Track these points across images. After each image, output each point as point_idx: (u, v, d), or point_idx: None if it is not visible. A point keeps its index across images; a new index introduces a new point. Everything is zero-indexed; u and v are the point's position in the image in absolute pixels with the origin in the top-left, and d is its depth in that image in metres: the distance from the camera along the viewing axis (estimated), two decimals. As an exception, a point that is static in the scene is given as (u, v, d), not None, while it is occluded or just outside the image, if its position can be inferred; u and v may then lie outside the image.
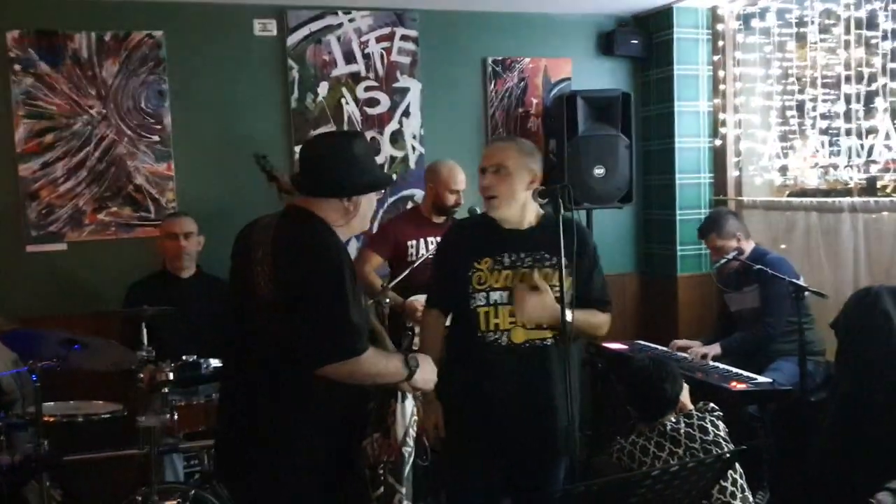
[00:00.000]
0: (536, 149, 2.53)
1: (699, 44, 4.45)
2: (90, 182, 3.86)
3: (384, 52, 4.24)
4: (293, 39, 4.09)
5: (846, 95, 3.66)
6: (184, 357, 3.08)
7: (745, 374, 3.34)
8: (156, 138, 3.93)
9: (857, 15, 3.58)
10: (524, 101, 4.46)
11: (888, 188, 3.67)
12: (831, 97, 3.74)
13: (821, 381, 3.53)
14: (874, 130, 3.59)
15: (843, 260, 3.71)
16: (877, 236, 3.57)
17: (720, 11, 4.38)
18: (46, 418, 2.94)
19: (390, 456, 2.08)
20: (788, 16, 3.92)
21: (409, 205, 4.16)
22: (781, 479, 3.36)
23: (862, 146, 3.63)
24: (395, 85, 4.26)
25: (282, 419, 2.02)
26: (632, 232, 4.70)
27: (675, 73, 4.42)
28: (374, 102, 4.25)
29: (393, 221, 3.85)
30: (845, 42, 3.64)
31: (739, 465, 2.41)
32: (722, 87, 4.40)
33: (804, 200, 3.99)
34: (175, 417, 2.94)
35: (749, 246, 3.80)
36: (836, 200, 3.77)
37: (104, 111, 3.86)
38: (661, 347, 3.86)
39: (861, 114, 3.62)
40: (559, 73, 4.50)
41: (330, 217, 2.07)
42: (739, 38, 4.28)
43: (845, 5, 3.62)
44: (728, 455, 2.07)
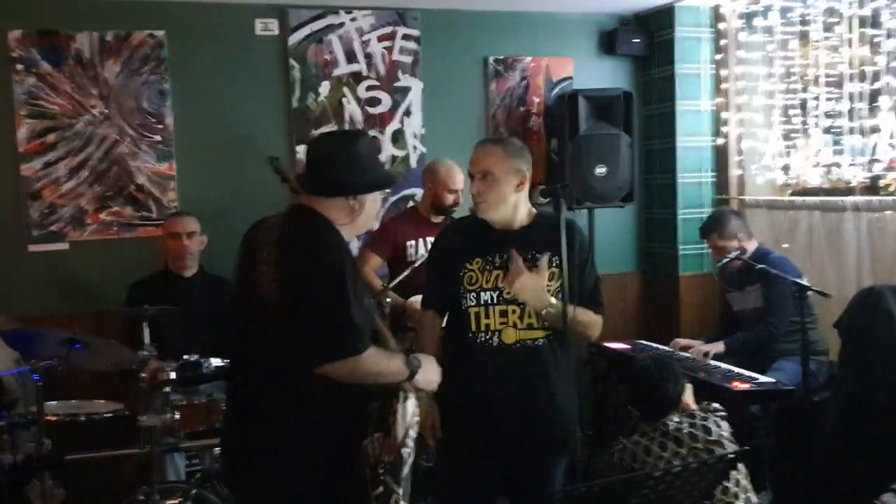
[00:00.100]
0: (524, 148, 2.50)
1: (701, 42, 4.44)
2: (92, 182, 3.86)
3: (385, 52, 4.23)
4: (294, 39, 4.09)
5: (849, 94, 3.65)
6: (185, 356, 3.08)
7: (748, 373, 3.33)
8: (157, 138, 3.93)
9: (860, 13, 3.57)
10: (526, 101, 4.45)
11: (891, 187, 3.66)
12: (834, 96, 3.73)
13: (823, 381, 3.51)
14: (878, 129, 3.58)
15: (846, 259, 3.69)
16: (880, 235, 3.55)
17: (722, 10, 4.36)
18: (48, 417, 2.94)
19: (390, 456, 2.07)
20: (791, 14, 3.91)
21: (411, 204, 4.16)
22: (784, 479, 3.35)
23: (865, 145, 3.62)
24: (397, 84, 4.26)
25: (282, 419, 2.02)
26: (633, 231, 4.69)
27: (677, 71, 4.41)
28: (375, 102, 4.24)
29: (392, 222, 3.83)
30: (848, 40, 3.63)
31: (742, 465, 2.40)
32: (724, 85, 4.39)
33: (807, 199, 3.97)
34: (176, 417, 2.95)
35: (752, 246, 3.79)
36: (839, 199, 3.75)
37: (106, 111, 3.86)
38: (662, 347, 3.85)
39: (865, 112, 3.61)
40: (561, 72, 4.49)
41: (335, 216, 2.08)
42: (742, 36, 4.27)
43: (848, 3, 3.61)
44: (730, 456, 2.06)
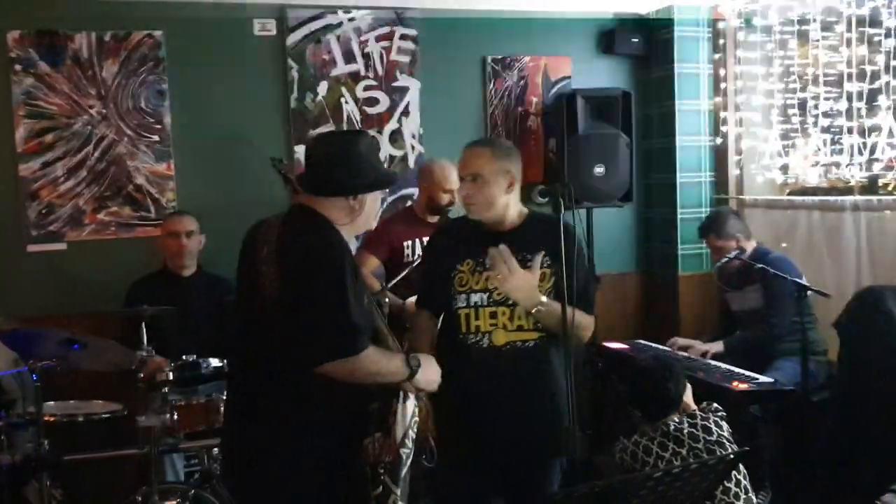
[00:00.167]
0: (514, 149, 2.50)
1: (700, 42, 4.43)
2: (90, 182, 3.85)
3: (384, 52, 4.22)
4: (293, 39, 4.08)
5: (848, 93, 3.64)
6: (184, 357, 3.08)
7: (747, 373, 3.32)
8: (155, 138, 3.92)
9: (859, 12, 3.57)
10: (524, 100, 4.45)
11: (890, 186, 3.66)
12: (833, 95, 3.73)
13: (822, 381, 3.51)
14: (877, 128, 3.57)
15: (846, 259, 3.68)
16: (879, 235, 3.54)
17: (721, 9, 4.36)
18: (47, 418, 2.94)
19: (389, 456, 2.07)
20: (790, 13, 3.91)
21: (409, 204, 4.15)
22: (783, 479, 3.34)
23: (864, 144, 3.62)
24: (395, 84, 4.25)
25: (282, 419, 2.02)
26: (632, 231, 4.69)
27: (676, 71, 4.40)
28: (373, 102, 4.24)
29: (387, 222, 3.81)
30: (847, 40, 3.62)
31: (742, 466, 2.40)
32: (723, 85, 4.38)
33: (806, 199, 3.96)
34: (175, 417, 2.94)
35: (751, 246, 3.79)
36: (839, 199, 3.75)
37: (104, 111, 3.85)
38: (661, 347, 3.85)
39: (864, 112, 3.60)
40: (559, 72, 4.48)
41: (335, 216, 2.08)
42: (740, 36, 4.26)
43: (847, 3, 3.61)
44: (731, 456, 2.06)
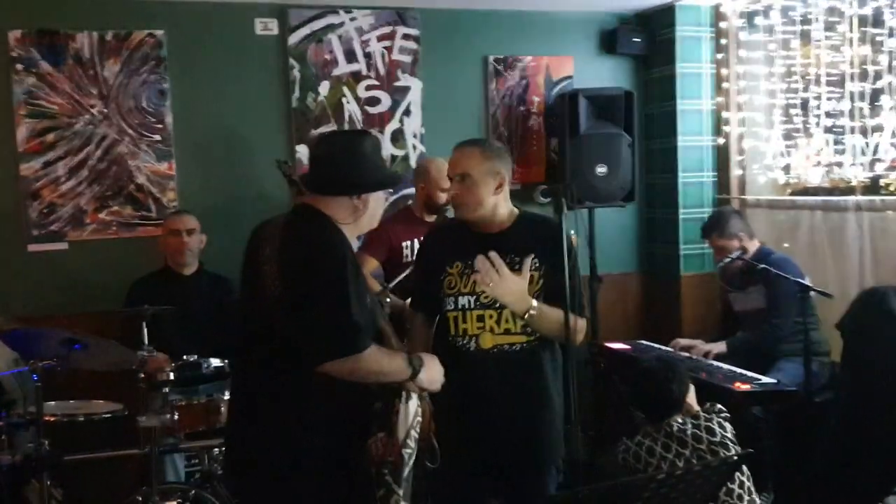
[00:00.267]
0: (503, 149, 2.49)
1: (702, 42, 4.42)
2: (91, 181, 3.85)
3: (385, 51, 4.22)
4: (294, 38, 4.08)
5: (851, 93, 3.63)
6: (185, 357, 3.07)
7: (750, 374, 3.31)
8: (157, 137, 3.92)
9: (861, 12, 3.56)
10: (526, 100, 4.44)
11: (892, 186, 3.65)
12: (836, 95, 3.72)
13: (825, 382, 3.50)
14: (879, 128, 3.56)
15: (848, 259, 3.67)
16: (882, 235, 3.54)
17: (723, 9, 4.35)
18: (47, 418, 2.93)
19: (392, 456, 2.06)
20: (792, 13, 3.89)
21: (406, 204, 4.14)
22: (785, 480, 3.34)
23: (867, 144, 3.61)
24: (397, 84, 4.24)
25: (284, 419, 2.01)
26: (634, 231, 4.68)
27: (678, 71, 4.39)
28: (375, 101, 4.23)
29: (386, 223, 3.76)
30: (850, 39, 3.61)
31: (745, 467, 2.39)
32: (725, 85, 4.37)
33: (808, 199, 3.95)
34: (176, 417, 2.94)
35: (754, 246, 3.78)
36: (841, 199, 3.74)
37: (105, 110, 3.85)
38: (663, 347, 3.84)
39: (866, 112, 3.59)
40: (561, 72, 4.48)
41: (338, 215, 2.08)
42: (743, 35, 4.25)
43: (850, 2, 3.60)
44: (735, 458, 2.05)
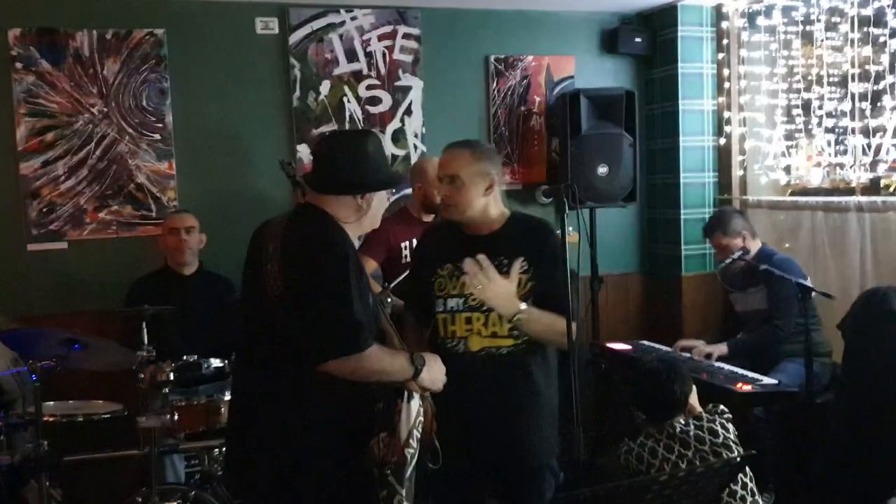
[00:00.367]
0: (493, 151, 2.50)
1: (704, 42, 4.42)
2: (91, 180, 3.84)
3: (386, 51, 4.21)
4: (295, 38, 4.07)
5: (852, 94, 3.63)
6: (184, 357, 3.07)
7: (751, 375, 3.30)
8: (157, 136, 3.91)
9: (863, 12, 3.55)
10: (527, 100, 4.43)
11: (891, 187, 3.64)
12: (837, 95, 3.71)
13: (827, 383, 3.50)
14: (881, 129, 3.56)
15: (850, 260, 3.67)
16: (884, 236, 3.53)
17: (725, 9, 4.34)
18: (46, 418, 2.92)
19: (394, 456, 2.05)
20: (794, 13, 3.89)
21: (408, 203, 4.12)
22: (787, 481, 3.33)
23: (869, 145, 3.60)
24: (397, 83, 4.24)
25: (282, 419, 2.01)
26: (636, 231, 4.67)
27: (680, 71, 4.38)
28: (375, 101, 4.22)
29: (384, 224, 3.74)
30: (852, 40, 3.61)
31: (748, 468, 2.38)
32: (726, 85, 4.37)
33: (810, 200, 3.94)
34: (175, 418, 2.93)
35: (755, 246, 3.77)
36: (843, 200, 3.73)
37: (105, 109, 3.84)
38: (664, 348, 3.83)
39: (868, 112, 3.59)
40: (562, 72, 4.47)
41: (341, 214, 2.08)
42: (744, 36, 4.25)
43: (851, 3, 3.59)
44: (737, 460, 2.04)
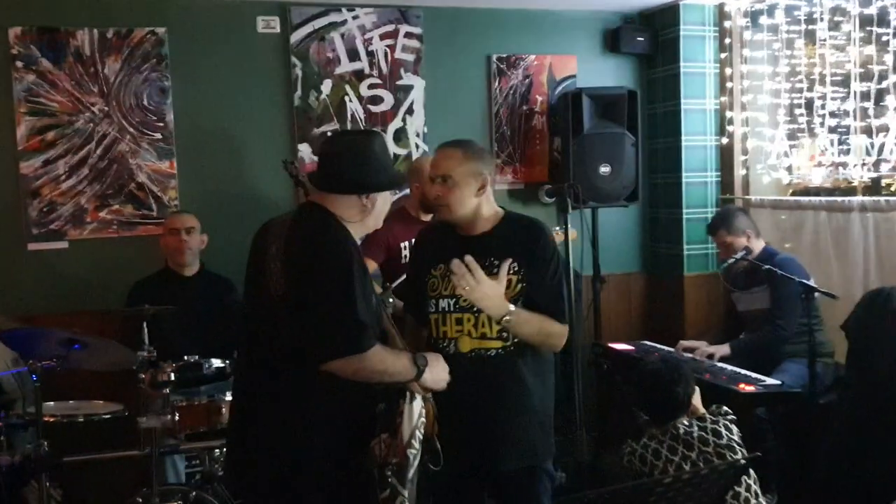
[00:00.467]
0: (486, 151, 2.50)
1: (706, 41, 4.41)
2: (92, 180, 3.83)
3: (388, 50, 4.20)
4: (296, 37, 4.06)
5: (855, 93, 3.62)
6: (185, 357, 3.06)
7: (754, 375, 3.30)
8: (158, 136, 3.90)
9: (866, 11, 3.54)
10: (529, 99, 4.42)
11: (893, 187, 3.63)
12: (840, 95, 3.70)
13: (829, 384, 3.49)
14: (885, 128, 3.55)
15: (853, 260, 3.66)
16: (887, 236, 3.52)
17: (727, 8, 4.33)
18: (46, 418, 2.92)
19: (396, 457, 2.05)
20: (797, 13, 3.88)
21: (406, 203, 4.11)
22: (789, 482, 3.32)
23: (872, 145, 3.59)
24: (399, 82, 4.23)
25: (283, 419, 2.00)
26: (638, 231, 4.66)
27: (682, 70, 4.37)
28: (377, 100, 4.21)
29: (383, 224, 3.75)
30: (854, 39, 3.60)
31: (752, 470, 2.37)
32: (729, 84, 4.36)
33: (812, 199, 3.94)
34: (176, 418, 2.92)
35: (759, 245, 3.77)
36: (846, 199, 3.72)
37: (106, 108, 3.83)
38: (666, 348, 3.82)
39: (871, 112, 3.58)
40: (564, 71, 4.46)
41: (345, 214, 2.08)
42: (747, 35, 4.24)
43: (854, 2, 3.58)
44: (742, 462, 2.03)
